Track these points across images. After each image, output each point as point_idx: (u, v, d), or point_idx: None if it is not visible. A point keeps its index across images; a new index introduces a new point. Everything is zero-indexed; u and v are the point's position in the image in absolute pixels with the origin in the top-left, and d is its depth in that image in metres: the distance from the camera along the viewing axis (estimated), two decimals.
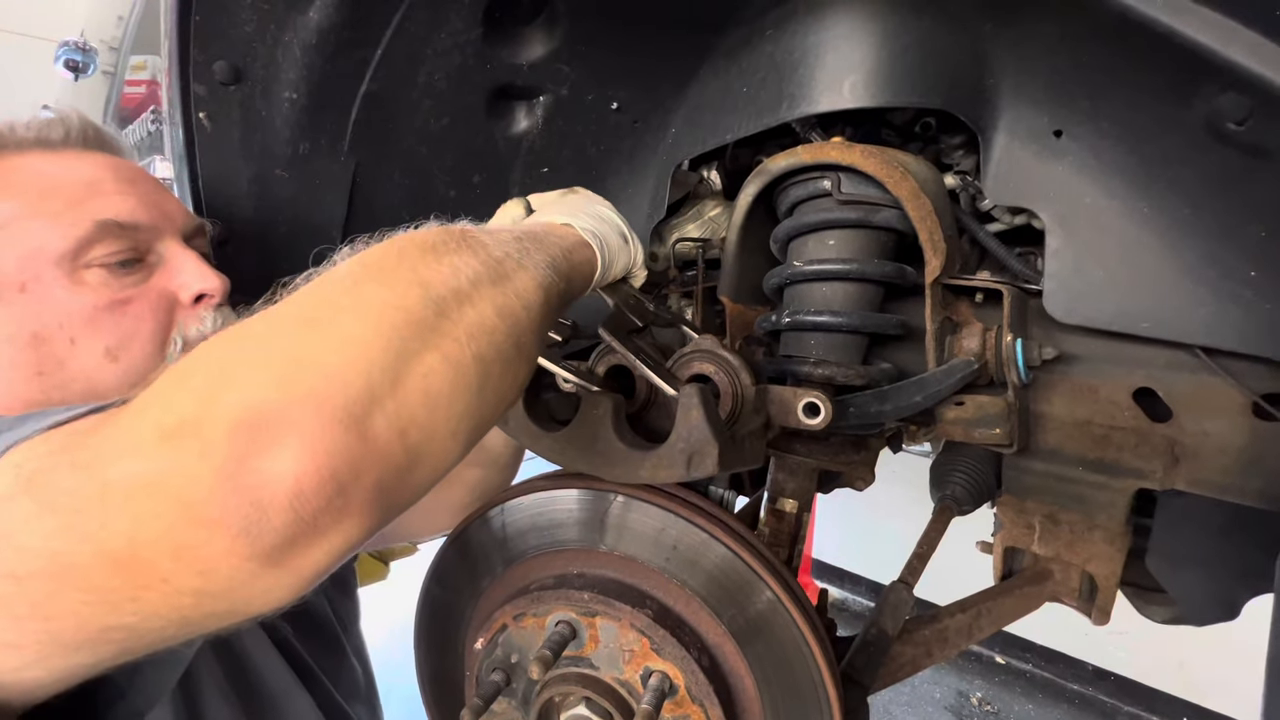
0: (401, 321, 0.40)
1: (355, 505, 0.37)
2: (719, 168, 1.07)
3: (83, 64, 2.05)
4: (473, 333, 0.43)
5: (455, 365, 0.42)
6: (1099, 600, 0.85)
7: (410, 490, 0.41)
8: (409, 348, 0.40)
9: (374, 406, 0.37)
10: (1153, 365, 0.75)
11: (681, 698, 0.59)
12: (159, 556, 0.34)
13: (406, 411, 0.39)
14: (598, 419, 0.60)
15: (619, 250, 0.67)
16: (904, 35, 0.75)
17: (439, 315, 0.42)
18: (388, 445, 0.38)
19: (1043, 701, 3.00)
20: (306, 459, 0.35)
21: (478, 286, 0.45)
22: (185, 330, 0.74)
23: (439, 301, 0.42)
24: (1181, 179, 0.65)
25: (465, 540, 0.73)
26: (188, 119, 0.82)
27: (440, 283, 0.43)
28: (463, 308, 0.43)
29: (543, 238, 0.57)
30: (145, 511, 0.34)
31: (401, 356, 0.39)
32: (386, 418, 0.38)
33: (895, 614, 0.76)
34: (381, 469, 0.38)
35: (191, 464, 0.34)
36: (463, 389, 0.42)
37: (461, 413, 0.42)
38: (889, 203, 0.79)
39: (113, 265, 0.68)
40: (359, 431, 0.36)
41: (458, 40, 0.84)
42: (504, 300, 0.46)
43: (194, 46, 0.77)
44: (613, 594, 0.61)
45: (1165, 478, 0.76)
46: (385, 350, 0.39)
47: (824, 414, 0.64)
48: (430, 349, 0.41)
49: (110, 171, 0.72)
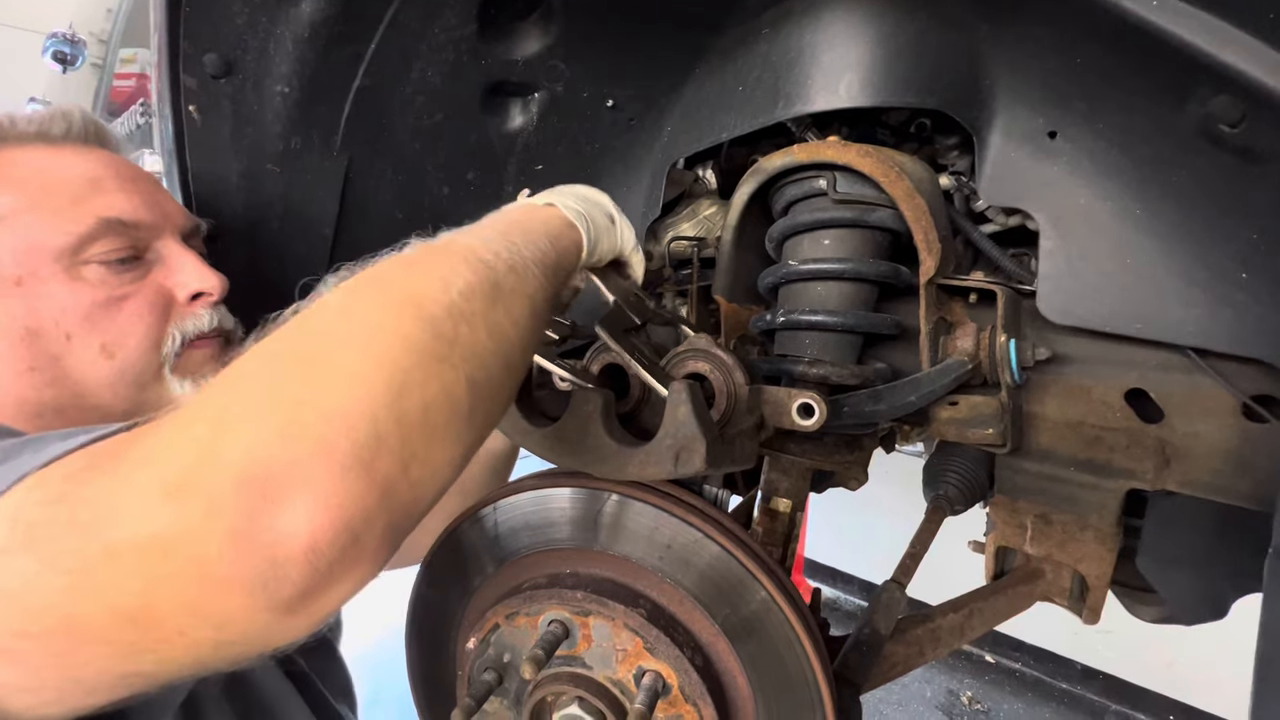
0: (400, 350, 0.39)
1: (370, 550, 0.36)
2: (714, 166, 1.07)
3: (71, 56, 2.02)
4: (466, 355, 0.42)
5: (451, 392, 0.41)
6: (1090, 600, 0.85)
7: (414, 522, 0.40)
8: (410, 379, 0.39)
9: (380, 447, 0.36)
10: (1145, 366, 0.76)
11: (675, 697, 0.59)
12: (175, 613, 0.33)
13: (410, 448, 0.38)
14: (587, 415, 0.59)
15: (605, 230, 0.66)
16: (900, 35, 0.75)
17: (435, 338, 0.41)
18: (396, 485, 0.37)
19: (1032, 700, 3.03)
20: (320, 513, 0.34)
21: (470, 300, 0.44)
22: (182, 328, 0.73)
23: (433, 323, 0.41)
24: (1175, 181, 0.65)
25: (457, 539, 0.73)
26: (177, 112, 0.81)
27: (432, 300, 0.42)
28: (457, 327, 0.42)
29: (527, 226, 0.56)
30: (157, 572, 0.33)
31: (403, 390, 0.38)
32: (392, 456, 0.37)
33: (888, 613, 0.76)
34: (392, 510, 0.37)
35: (200, 524, 0.33)
36: (458, 416, 0.41)
37: (456, 439, 0.42)
38: (884, 202, 0.79)
39: (111, 262, 0.68)
40: (368, 477, 0.36)
41: (452, 36, 0.84)
42: (495, 319, 0.45)
43: (184, 39, 0.77)
44: (606, 593, 0.61)
45: (1156, 478, 0.76)
46: (388, 385, 0.38)
47: (818, 415, 0.64)
48: (430, 377, 0.40)
49: (112, 169, 0.72)
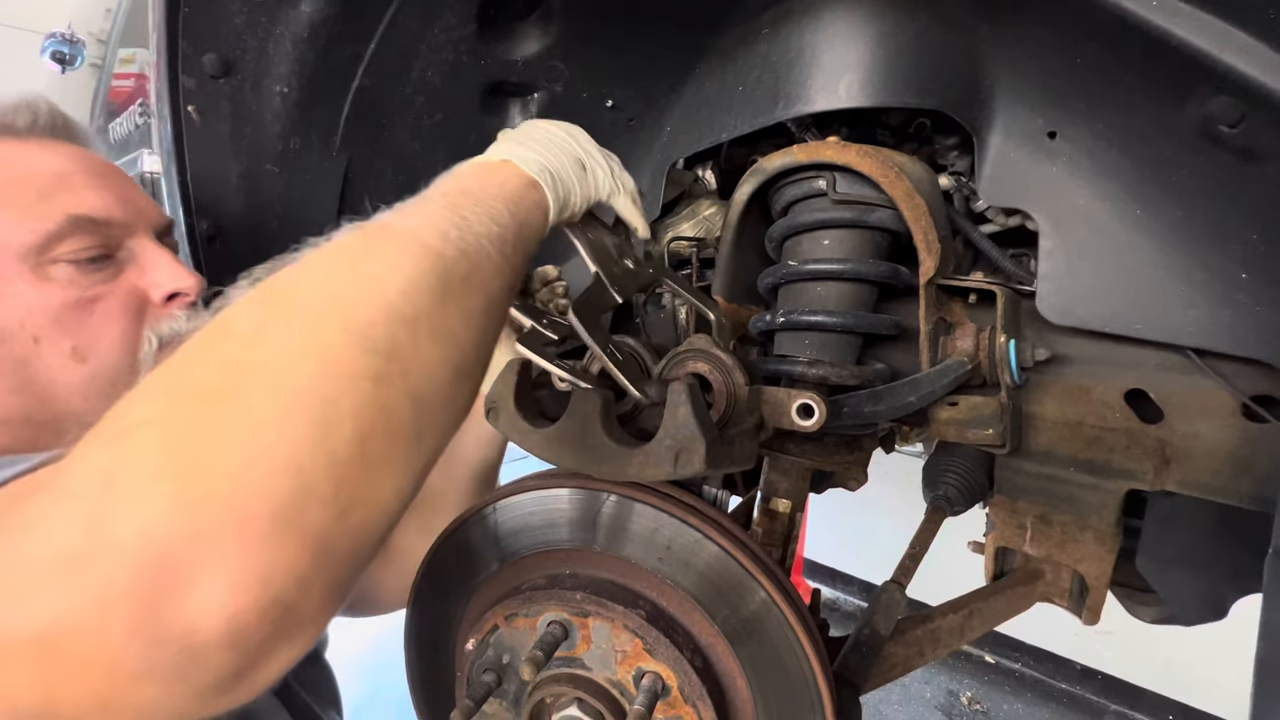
0: (324, 375, 0.33)
1: (309, 616, 0.32)
2: (714, 167, 1.07)
3: (70, 56, 2.02)
4: (408, 369, 0.36)
5: (391, 415, 0.35)
6: (1089, 600, 0.85)
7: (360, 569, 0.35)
8: (339, 409, 0.32)
9: (308, 500, 0.31)
10: (1144, 367, 0.76)
11: (674, 698, 0.59)
12: (79, 713, 0.29)
13: (347, 492, 0.32)
14: (586, 415, 0.59)
15: (575, 180, 0.58)
16: (900, 36, 0.75)
17: (367, 352, 0.34)
18: (333, 538, 0.32)
19: (1031, 700, 3.02)
20: (238, 592, 0.29)
21: (411, 299, 0.37)
22: (158, 329, 0.69)
23: (365, 334, 0.35)
24: (1174, 181, 0.65)
25: (457, 540, 0.72)
26: (176, 113, 0.81)
27: (364, 304, 0.36)
28: (396, 335, 0.36)
29: (480, 193, 0.49)
30: (55, 668, 0.28)
31: (331, 425, 0.32)
32: (324, 507, 0.31)
33: (888, 614, 0.76)
34: (331, 568, 0.32)
35: (94, 617, 0.27)
36: (401, 440, 0.35)
37: (403, 467, 0.36)
38: (884, 203, 0.79)
39: (81, 261, 0.64)
40: (296, 537, 0.30)
41: (451, 36, 0.84)
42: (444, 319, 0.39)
43: (183, 39, 0.76)
44: (605, 594, 0.61)
45: (1156, 479, 0.76)
46: (311, 423, 0.31)
47: (818, 415, 0.64)
48: (364, 404, 0.33)
49: (80, 164, 0.68)
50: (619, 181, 0.65)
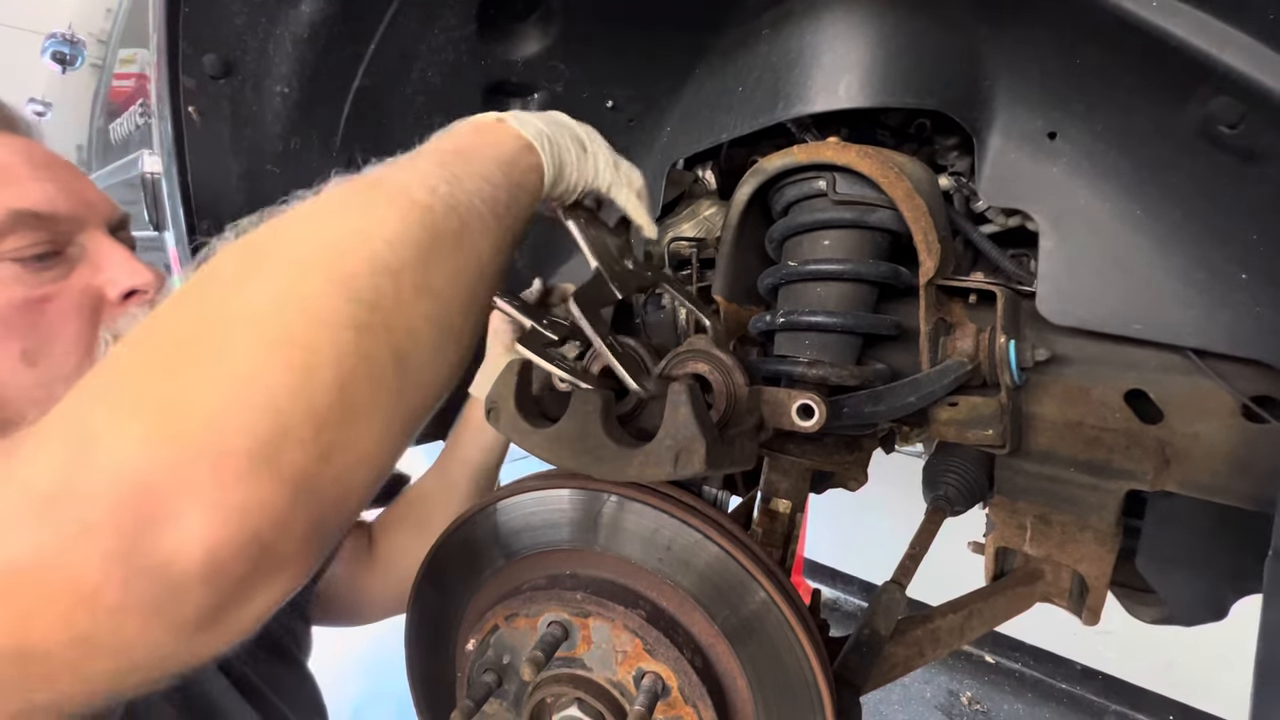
0: (304, 322, 0.33)
1: (288, 556, 0.32)
2: (714, 167, 1.07)
3: (70, 56, 2.02)
4: (390, 322, 0.35)
5: (374, 365, 0.35)
6: (1089, 601, 0.85)
7: (346, 518, 0.35)
8: (320, 356, 0.32)
9: (286, 441, 0.31)
10: (1144, 367, 0.76)
11: (674, 699, 0.59)
12: (61, 646, 0.28)
13: (327, 436, 0.32)
14: (587, 415, 0.59)
15: (574, 160, 0.57)
16: (899, 36, 0.75)
17: (350, 302, 0.34)
18: (314, 480, 0.32)
19: (1032, 701, 3.03)
20: (214, 524, 0.29)
21: (397, 251, 0.37)
22: (115, 329, 0.65)
23: (348, 284, 0.34)
24: (1174, 182, 0.65)
25: (458, 540, 0.72)
26: (177, 113, 0.81)
27: (348, 254, 0.35)
28: (380, 287, 0.35)
29: (472, 152, 0.48)
30: (31, 602, 0.28)
31: (311, 370, 0.32)
32: (304, 449, 0.31)
33: (888, 614, 0.76)
34: (311, 510, 0.32)
35: (74, 547, 0.28)
36: (384, 391, 0.35)
37: (385, 418, 0.36)
38: (884, 203, 0.79)
39: (27, 259, 0.60)
40: (274, 476, 0.30)
41: (451, 36, 0.84)
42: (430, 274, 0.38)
43: (183, 39, 0.76)
44: (606, 594, 0.61)
45: (1156, 479, 0.76)
46: (290, 368, 0.31)
47: (818, 416, 0.64)
48: (345, 352, 0.33)
49: (21, 155, 0.63)
50: (624, 175, 0.63)
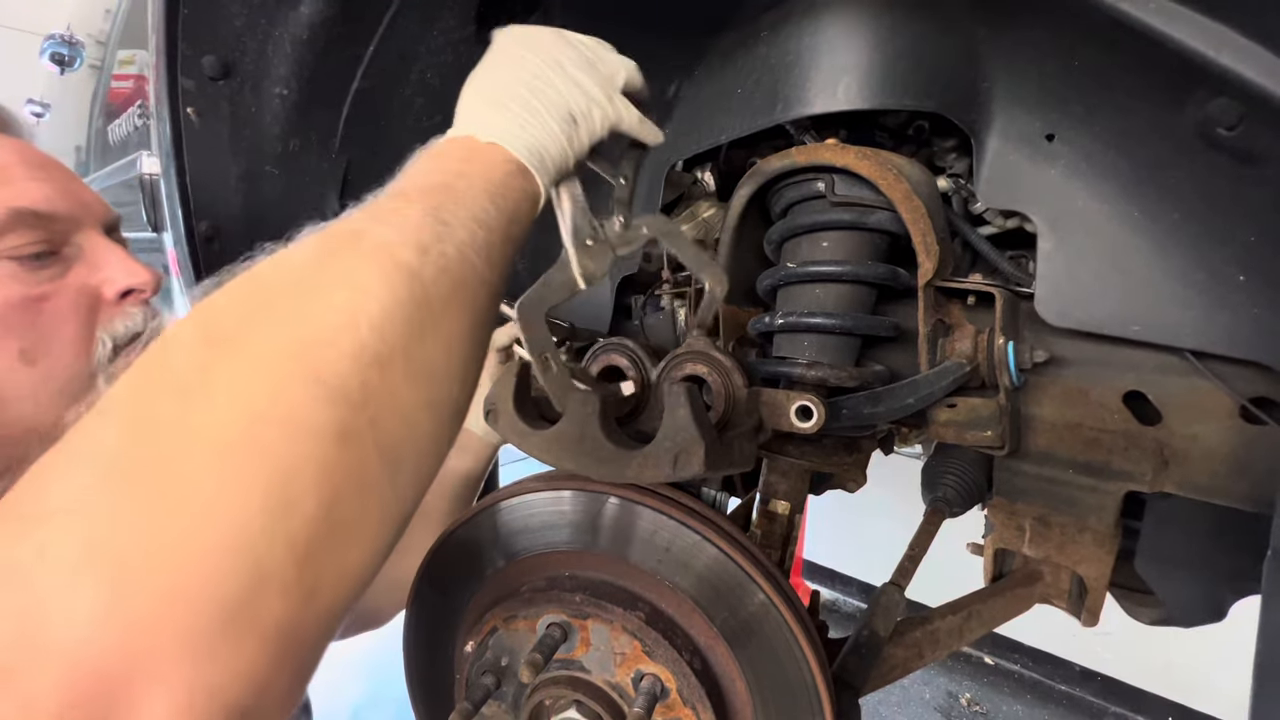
0: (280, 442, 0.28)
1: (270, 711, 0.28)
2: (713, 169, 1.07)
3: (69, 58, 2.02)
4: (379, 417, 0.31)
5: (363, 474, 0.30)
6: (1088, 602, 0.85)
7: (332, 636, 0.32)
8: (301, 482, 0.28)
9: (266, 591, 0.27)
10: (1142, 369, 0.76)
11: (673, 700, 0.59)
12: None
13: (312, 571, 0.28)
14: (585, 417, 0.59)
15: (567, 149, 0.53)
16: (898, 38, 0.75)
17: (335, 404, 0.30)
18: (297, 630, 0.28)
19: (1031, 702, 3.02)
20: (184, 712, 0.25)
21: (385, 334, 0.32)
22: (112, 329, 0.65)
23: (327, 380, 0.30)
24: (1173, 184, 0.65)
25: (456, 541, 0.72)
26: (175, 114, 0.81)
27: (329, 346, 0.31)
28: (367, 380, 0.31)
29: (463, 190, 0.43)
30: None
31: (292, 501, 0.28)
32: (286, 593, 0.27)
33: (887, 616, 0.76)
34: (295, 658, 0.28)
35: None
36: (373, 501, 0.31)
37: (375, 531, 0.32)
38: (882, 205, 0.79)
39: (25, 258, 0.60)
40: (254, 636, 0.26)
41: (450, 38, 0.84)
42: (423, 353, 0.34)
43: (182, 41, 0.76)
44: (605, 596, 0.61)
45: (1154, 480, 0.76)
46: (266, 501, 0.27)
47: (817, 417, 0.64)
48: (330, 469, 0.29)
49: (17, 155, 0.63)
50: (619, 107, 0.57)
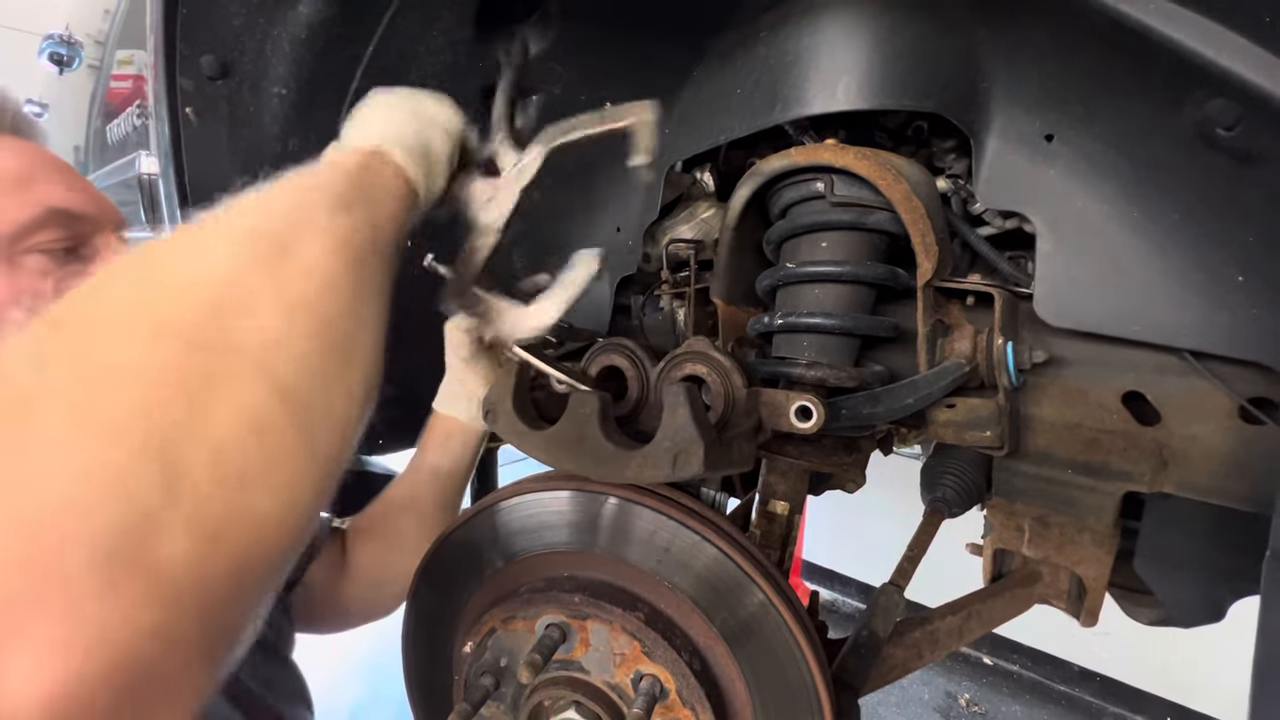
0: (147, 399, 0.27)
1: (183, 669, 0.26)
2: (712, 169, 1.07)
3: (67, 57, 2.02)
4: (262, 358, 0.31)
5: (254, 416, 0.30)
6: (1087, 602, 0.85)
7: (259, 594, 0.31)
8: (167, 424, 0.27)
9: (151, 531, 0.25)
10: (1142, 369, 0.76)
11: (672, 701, 0.59)
12: None
13: (205, 514, 0.27)
14: (584, 417, 0.59)
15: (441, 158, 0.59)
16: (897, 39, 0.75)
17: (201, 352, 0.29)
18: (202, 573, 0.26)
19: (1030, 702, 3.03)
20: (59, 664, 0.22)
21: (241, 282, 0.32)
22: None
23: (194, 338, 0.30)
24: (1171, 184, 0.65)
25: (455, 542, 0.72)
26: (174, 114, 0.81)
27: (186, 305, 0.31)
28: (234, 324, 0.31)
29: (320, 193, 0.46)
30: None
31: (162, 443, 0.26)
32: (180, 537, 0.26)
33: (886, 616, 0.76)
34: (204, 607, 0.27)
35: None
36: (278, 442, 0.31)
37: (289, 474, 0.32)
38: (882, 205, 0.79)
39: (55, 253, 0.65)
40: (142, 579, 0.25)
41: (450, 38, 0.84)
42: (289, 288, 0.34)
43: (180, 40, 0.76)
44: (604, 597, 0.61)
45: (1153, 481, 0.76)
46: (136, 443, 0.26)
47: (816, 417, 0.64)
48: (207, 412, 0.28)
49: (43, 159, 0.70)
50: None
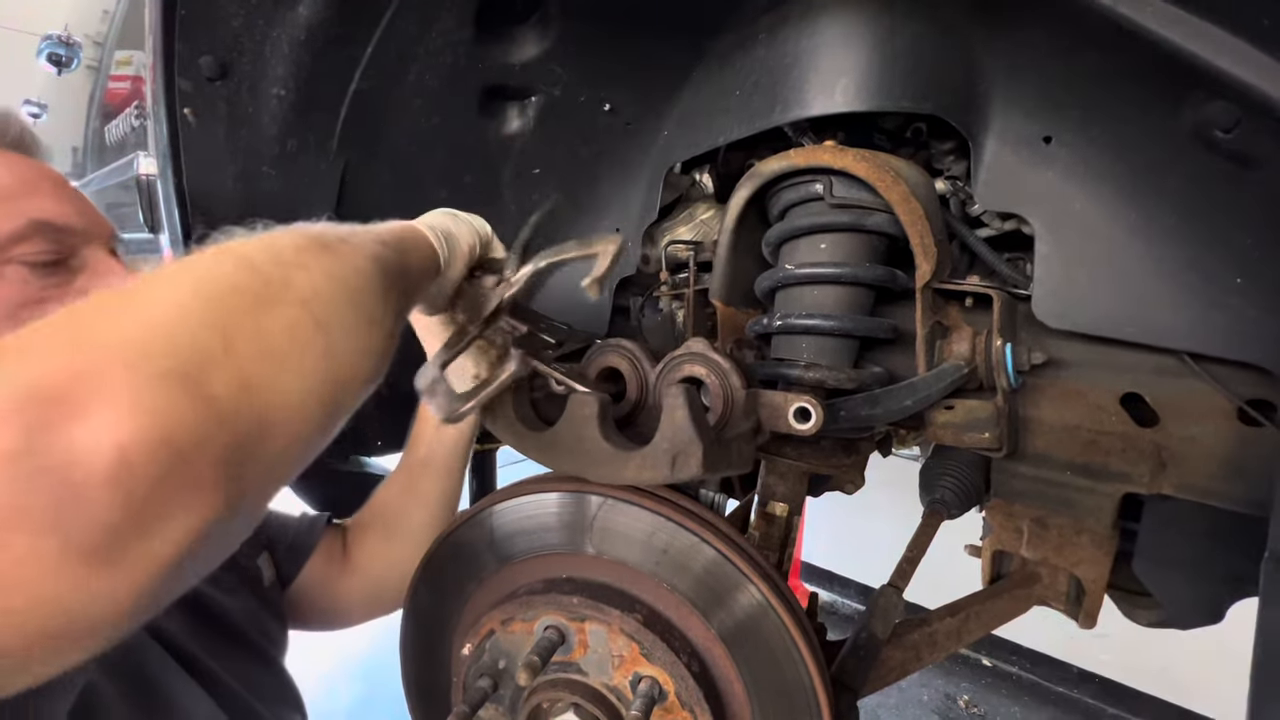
0: (224, 288, 0.38)
1: (202, 476, 0.31)
2: (711, 171, 1.07)
3: (66, 58, 2.02)
4: (305, 296, 0.41)
5: (292, 326, 0.39)
6: (1086, 604, 0.85)
7: (268, 461, 0.37)
8: (235, 308, 0.37)
9: (207, 363, 0.33)
10: (1140, 370, 0.76)
11: (671, 703, 0.59)
12: None
13: (248, 369, 0.35)
14: (584, 419, 0.59)
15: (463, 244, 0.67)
16: (896, 41, 0.75)
17: (264, 282, 0.40)
18: (231, 404, 0.33)
19: (1029, 704, 3.02)
20: (128, 420, 0.28)
21: (300, 253, 0.44)
22: None
23: (259, 269, 0.40)
24: (1169, 186, 0.65)
25: (453, 544, 0.72)
26: (172, 115, 0.81)
27: (259, 252, 0.42)
28: (289, 273, 0.41)
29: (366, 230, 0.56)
30: None
31: (228, 315, 0.36)
32: (224, 375, 0.33)
33: (885, 618, 0.76)
34: (229, 432, 0.33)
35: None
36: (309, 351, 0.40)
37: (311, 371, 0.40)
38: (880, 207, 0.79)
39: (35, 264, 0.66)
40: (194, 390, 0.31)
41: (449, 39, 0.84)
42: (332, 265, 0.45)
43: (179, 41, 0.76)
44: (602, 598, 0.61)
45: (1152, 482, 0.76)
46: (207, 310, 0.35)
47: (815, 419, 0.64)
48: (261, 311, 0.38)
49: (44, 174, 0.72)
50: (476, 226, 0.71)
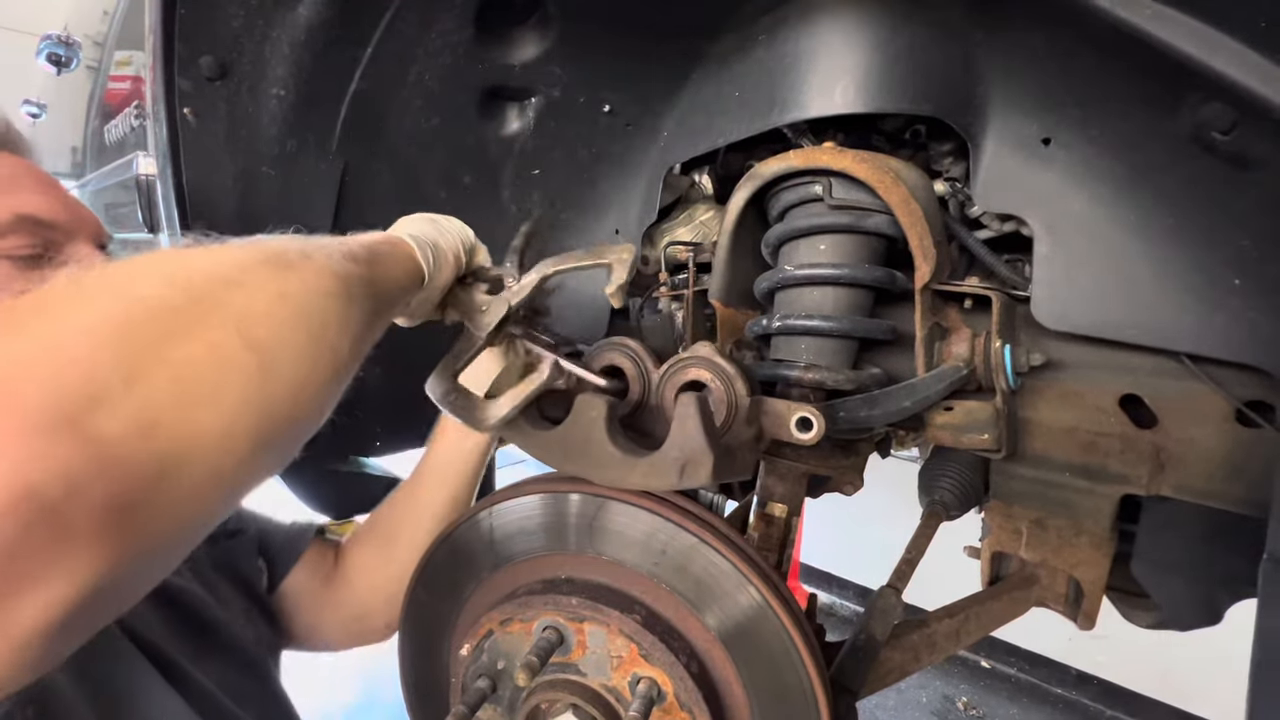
0: (141, 311, 0.35)
1: (77, 530, 0.29)
2: (710, 172, 1.07)
3: (66, 58, 2.02)
4: (238, 317, 0.38)
5: (220, 353, 0.36)
6: (1085, 605, 0.86)
7: (170, 505, 0.34)
8: (150, 334, 0.34)
9: (97, 403, 0.30)
10: (1139, 372, 0.76)
11: (670, 704, 0.59)
12: None
13: (150, 408, 0.32)
14: (591, 421, 0.59)
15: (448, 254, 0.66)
16: (895, 42, 0.75)
17: (193, 302, 0.37)
18: (123, 446, 0.31)
19: (1027, 705, 3.02)
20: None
21: (245, 271, 0.41)
22: None
23: (191, 289, 0.37)
24: (1168, 187, 0.66)
25: (453, 544, 0.72)
26: (172, 115, 0.81)
27: (196, 270, 0.39)
28: (224, 292, 0.39)
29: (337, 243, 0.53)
30: None
31: (138, 347, 0.33)
32: (120, 412, 0.31)
33: (884, 619, 0.76)
34: (116, 478, 0.30)
35: None
36: (235, 379, 0.37)
37: (236, 402, 0.37)
38: (880, 208, 0.79)
39: (18, 259, 0.65)
40: (72, 432, 0.29)
41: (449, 40, 0.84)
42: (286, 283, 0.42)
43: (179, 41, 0.76)
44: (601, 599, 0.61)
45: (1151, 484, 0.77)
46: (116, 336, 0.33)
47: (816, 429, 0.64)
48: (182, 337, 0.35)
49: (24, 169, 0.71)
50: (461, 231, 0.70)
